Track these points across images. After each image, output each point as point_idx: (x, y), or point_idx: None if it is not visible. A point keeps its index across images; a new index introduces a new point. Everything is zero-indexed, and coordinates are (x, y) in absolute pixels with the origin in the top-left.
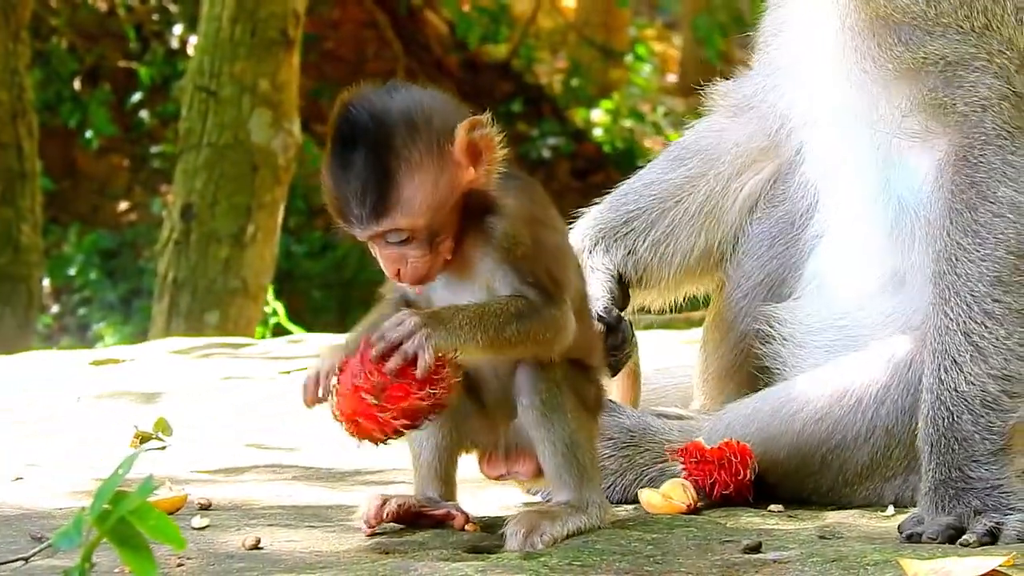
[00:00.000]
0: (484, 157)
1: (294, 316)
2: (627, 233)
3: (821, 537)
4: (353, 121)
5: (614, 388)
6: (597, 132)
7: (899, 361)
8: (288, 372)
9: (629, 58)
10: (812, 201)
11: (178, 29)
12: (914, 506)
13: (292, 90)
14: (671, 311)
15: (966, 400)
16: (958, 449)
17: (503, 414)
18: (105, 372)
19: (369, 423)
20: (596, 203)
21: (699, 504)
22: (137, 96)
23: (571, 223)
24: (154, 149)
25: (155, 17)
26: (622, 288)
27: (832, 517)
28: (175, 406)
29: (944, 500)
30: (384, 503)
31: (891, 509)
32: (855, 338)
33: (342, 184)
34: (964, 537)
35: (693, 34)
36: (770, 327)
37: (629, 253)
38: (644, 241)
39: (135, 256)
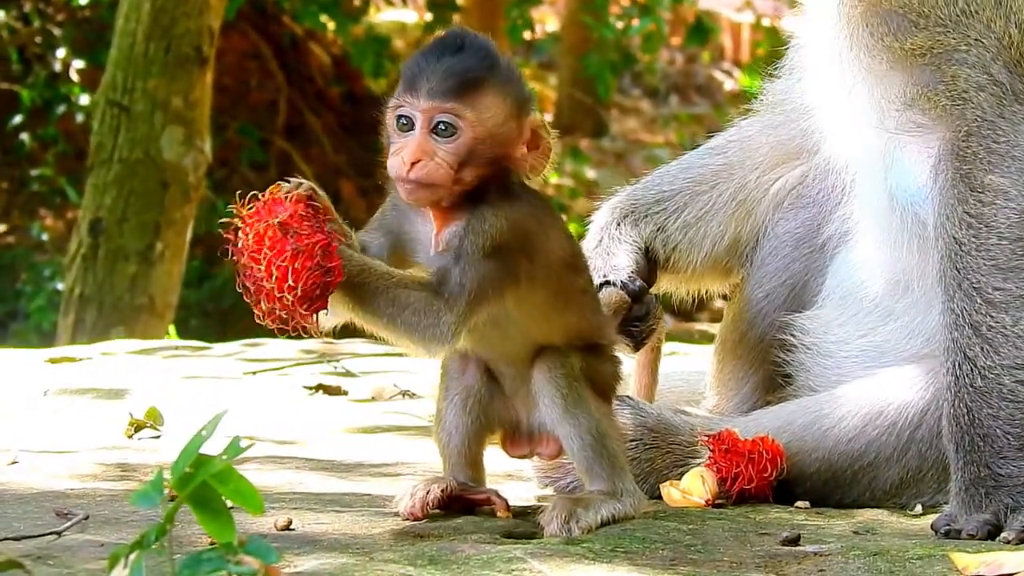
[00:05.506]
0: (538, 152)
1: None
2: (658, 212)
3: (856, 533)
4: (467, 35)
5: (634, 366)
6: None
7: (939, 386)
8: (254, 372)
9: None
10: (835, 205)
11: (61, 52)
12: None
13: (205, 108)
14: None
15: (983, 395)
16: (983, 446)
17: (522, 399)
18: (64, 370)
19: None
20: (631, 183)
21: (718, 500)
22: (18, 119)
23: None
24: (34, 172)
25: (38, 40)
26: (649, 263)
27: (862, 515)
28: (147, 402)
29: (976, 499)
30: (427, 491)
31: (919, 508)
32: (883, 353)
33: (432, 58)
34: (1003, 535)
35: (580, 73)
36: (793, 336)
37: (659, 230)
38: (675, 221)
39: (13, 279)
